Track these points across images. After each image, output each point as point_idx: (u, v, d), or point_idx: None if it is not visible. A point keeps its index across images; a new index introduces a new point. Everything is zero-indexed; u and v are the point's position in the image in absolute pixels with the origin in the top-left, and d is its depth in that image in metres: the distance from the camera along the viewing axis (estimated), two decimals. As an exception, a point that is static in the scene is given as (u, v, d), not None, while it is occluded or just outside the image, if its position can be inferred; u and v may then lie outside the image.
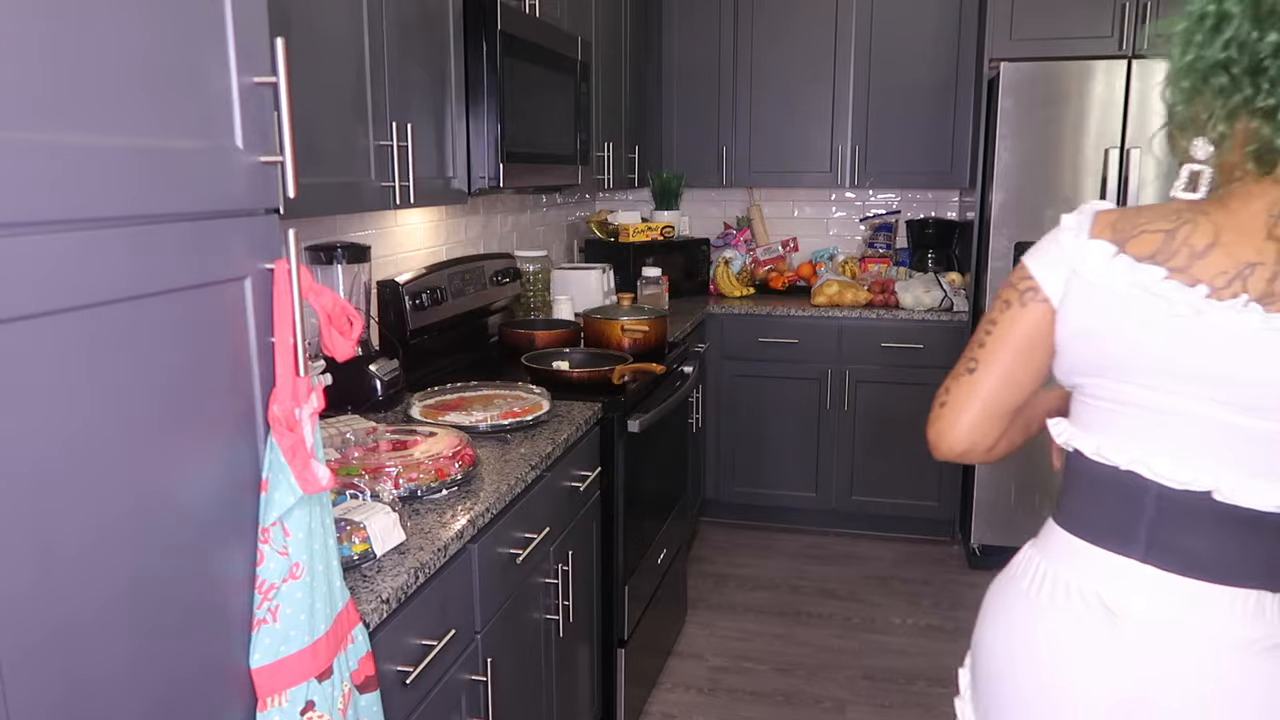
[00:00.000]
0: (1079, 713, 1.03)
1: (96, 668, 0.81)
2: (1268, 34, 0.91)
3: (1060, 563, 1.06)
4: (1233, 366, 0.94)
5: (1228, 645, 0.97)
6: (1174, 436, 0.98)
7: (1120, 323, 0.98)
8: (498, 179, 2.23)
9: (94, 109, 0.79)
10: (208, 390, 0.94)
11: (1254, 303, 0.92)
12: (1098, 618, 1.02)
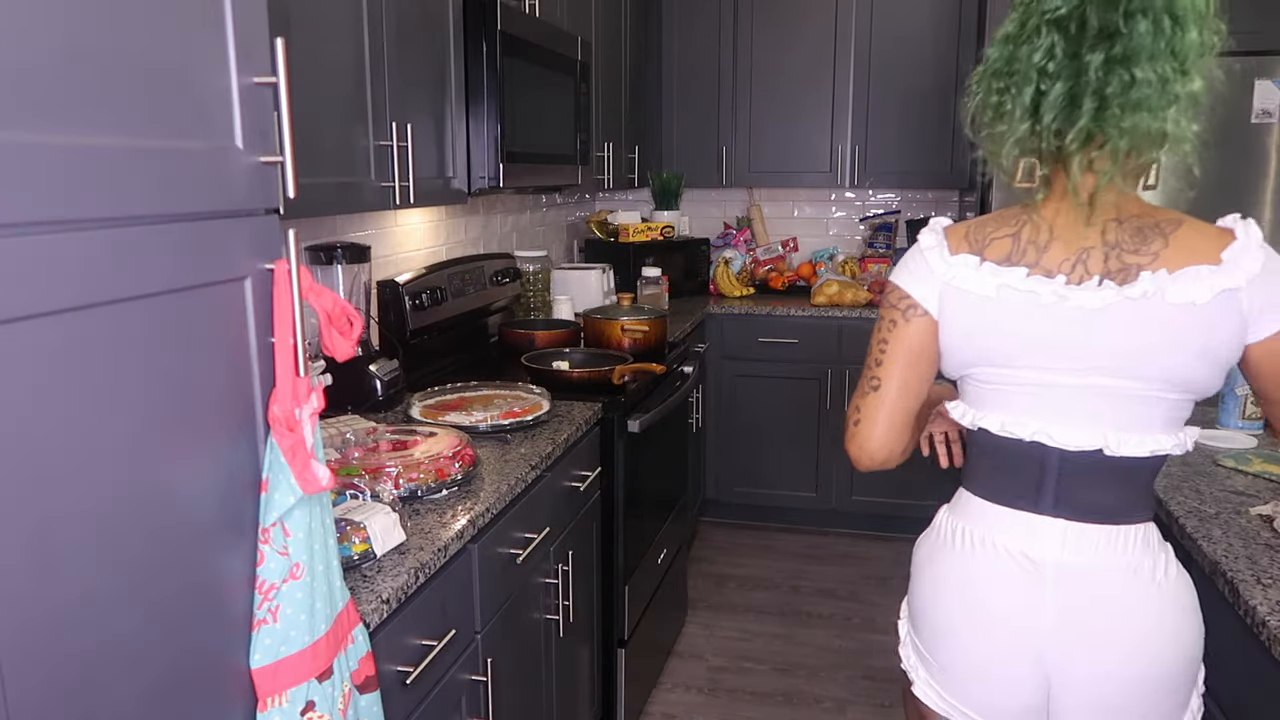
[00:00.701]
0: (1015, 649, 1.18)
1: (96, 667, 0.81)
2: (1086, 55, 1.05)
3: (981, 525, 1.22)
4: (1098, 337, 1.09)
5: (1129, 576, 1.15)
6: (1064, 406, 1.14)
7: (997, 319, 1.13)
8: (498, 179, 2.23)
9: (94, 109, 0.79)
10: (208, 390, 0.94)
11: (1106, 279, 1.09)
12: (1022, 568, 1.17)
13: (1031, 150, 1.12)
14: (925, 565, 1.28)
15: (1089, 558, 1.16)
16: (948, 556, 1.24)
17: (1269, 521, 1.53)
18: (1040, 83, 1.07)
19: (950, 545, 1.25)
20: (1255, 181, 3.19)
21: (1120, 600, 1.15)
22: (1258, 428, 2.01)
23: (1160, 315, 1.08)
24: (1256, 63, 3.15)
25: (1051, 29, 1.06)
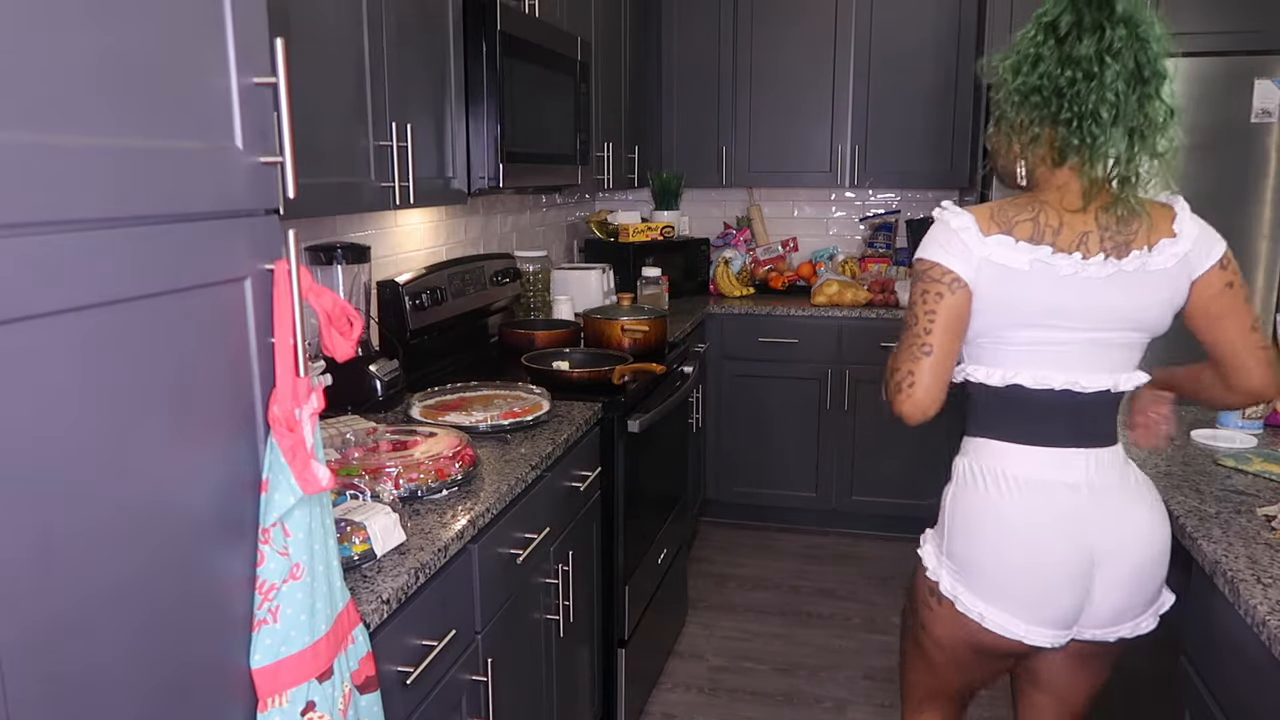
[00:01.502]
0: (1059, 561, 1.41)
1: (96, 667, 0.81)
2: (1065, 71, 1.34)
3: (1019, 465, 1.43)
4: (1102, 301, 1.37)
5: (1128, 481, 1.46)
6: (1080, 358, 1.40)
7: (1028, 289, 1.36)
8: (497, 179, 2.23)
9: (94, 110, 0.79)
10: (208, 391, 0.94)
11: (1105, 256, 1.36)
12: (1063, 494, 1.41)
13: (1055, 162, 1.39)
14: (964, 510, 1.46)
15: (1107, 474, 1.43)
16: (998, 499, 1.43)
17: (1269, 521, 1.53)
18: (1111, 124, 1.35)
19: (997, 489, 1.43)
20: (1255, 181, 3.19)
21: (1132, 501, 1.44)
22: (1258, 427, 2.01)
23: (1145, 280, 1.38)
24: (1256, 62, 3.15)
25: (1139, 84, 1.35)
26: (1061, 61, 1.35)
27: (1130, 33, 1.33)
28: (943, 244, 1.38)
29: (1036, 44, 1.37)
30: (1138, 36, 1.33)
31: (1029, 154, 1.41)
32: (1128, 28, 1.33)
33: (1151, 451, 1.78)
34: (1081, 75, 1.33)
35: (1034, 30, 1.38)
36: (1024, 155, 1.42)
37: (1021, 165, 1.44)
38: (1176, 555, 1.62)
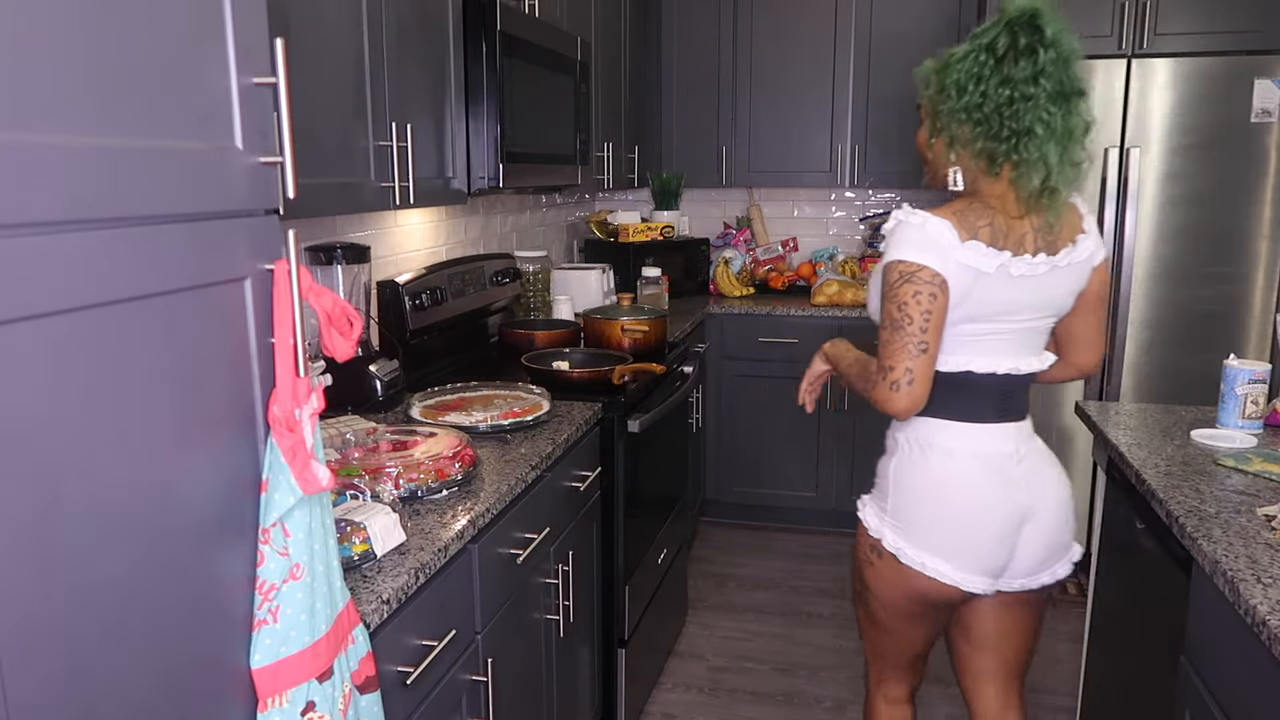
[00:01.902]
0: (995, 520, 1.59)
1: (96, 666, 0.81)
2: (1004, 91, 1.46)
3: (960, 440, 1.60)
4: (1040, 294, 1.55)
5: (1042, 447, 1.68)
6: (1019, 344, 1.59)
7: (989, 288, 1.51)
8: (497, 179, 2.23)
9: (93, 110, 0.79)
10: (208, 391, 0.94)
11: (1041, 254, 1.53)
12: (995, 463, 1.60)
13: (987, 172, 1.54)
14: (911, 477, 1.64)
15: (1028, 444, 1.64)
16: (939, 466, 1.61)
17: (1269, 520, 1.53)
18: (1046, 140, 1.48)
19: (938, 458, 1.61)
20: (1255, 181, 3.19)
21: (1048, 465, 1.66)
22: (1258, 427, 2.01)
23: (1070, 272, 1.57)
24: (1256, 62, 3.15)
25: (1062, 100, 1.48)
26: (1001, 82, 1.47)
27: (1057, 54, 1.46)
28: (925, 247, 1.48)
29: (979, 64, 1.48)
30: (1062, 58, 1.47)
31: (972, 164, 1.54)
32: (1055, 50, 1.46)
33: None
34: (1019, 95, 1.46)
35: (974, 51, 1.50)
36: (961, 164, 1.56)
37: (956, 172, 1.58)
38: (1177, 555, 1.62)
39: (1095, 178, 3.28)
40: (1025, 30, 1.46)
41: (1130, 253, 3.28)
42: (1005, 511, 1.59)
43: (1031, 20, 1.46)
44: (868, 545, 1.69)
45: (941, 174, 1.61)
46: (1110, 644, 2.07)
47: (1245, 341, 3.29)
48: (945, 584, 1.60)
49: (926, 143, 1.62)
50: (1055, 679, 2.85)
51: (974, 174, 1.55)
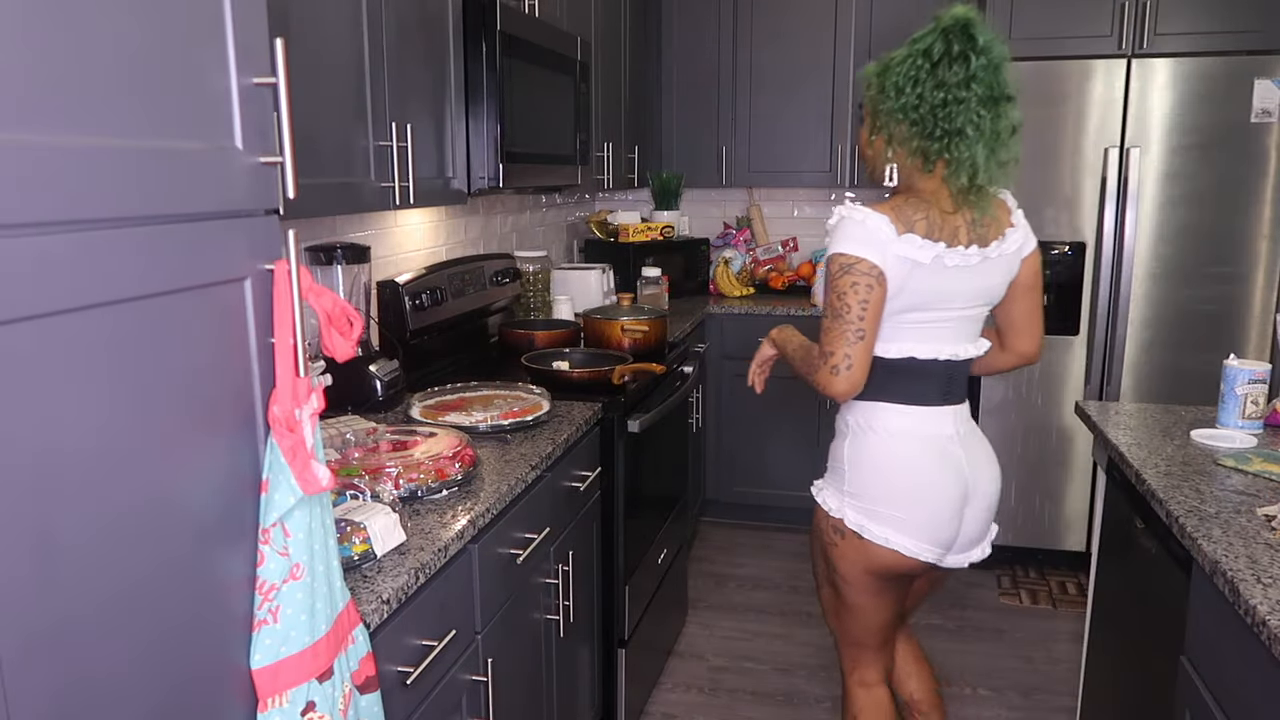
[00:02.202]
0: (945, 496, 1.71)
1: (96, 667, 0.81)
2: (938, 94, 1.57)
3: (898, 421, 1.70)
4: (974, 284, 1.66)
5: (975, 435, 1.79)
6: (957, 332, 1.70)
7: (925, 278, 1.61)
8: (497, 179, 2.23)
9: (94, 110, 0.79)
10: (207, 391, 0.94)
11: (974, 245, 1.64)
12: (937, 443, 1.71)
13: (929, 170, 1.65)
14: (869, 457, 1.73)
15: (965, 426, 1.76)
16: (891, 445, 1.71)
17: (1269, 520, 1.53)
18: (975, 141, 1.60)
19: (890, 438, 1.71)
20: (1255, 181, 3.19)
21: (982, 446, 1.80)
22: (1258, 427, 2.01)
23: (1001, 263, 1.69)
24: (1256, 62, 3.15)
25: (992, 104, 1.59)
26: (936, 85, 1.58)
27: (988, 61, 1.57)
28: (864, 241, 1.58)
29: (916, 67, 1.59)
30: (993, 64, 1.58)
31: (908, 161, 1.65)
32: (986, 57, 1.57)
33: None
34: (952, 98, 1.58)
35: (912, 55, 1.60)
36: (897, 161, 1.68)
37: (892, 168, 1.70)
38: (1177, 555, 1.62)
39: (1095, 177, 3.28)
40: (959, 38, 1.57)
41: (1130, 253, 3.28)
42: (950, 488, 1.72)
43: (965, 29, 1.57)
44: (830, 527, 1.78)
45: (880, 170, 1.74)
46: (1110, 644, 2.07)
47: (1245, 341, 3.29)
48: (906, 556, 1.71)
49: (867, 140, 1.74)
50: (1055, 679, 2.85)
51: (909, 170, 1.67)
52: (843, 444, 1.79)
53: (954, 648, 3.04)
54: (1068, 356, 3.43)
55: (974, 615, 3.27)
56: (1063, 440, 3.47)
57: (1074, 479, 3.49)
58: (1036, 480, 3.51)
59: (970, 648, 3.05)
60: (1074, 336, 3.40)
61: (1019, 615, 3.27)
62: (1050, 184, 3.32)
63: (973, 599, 3.39)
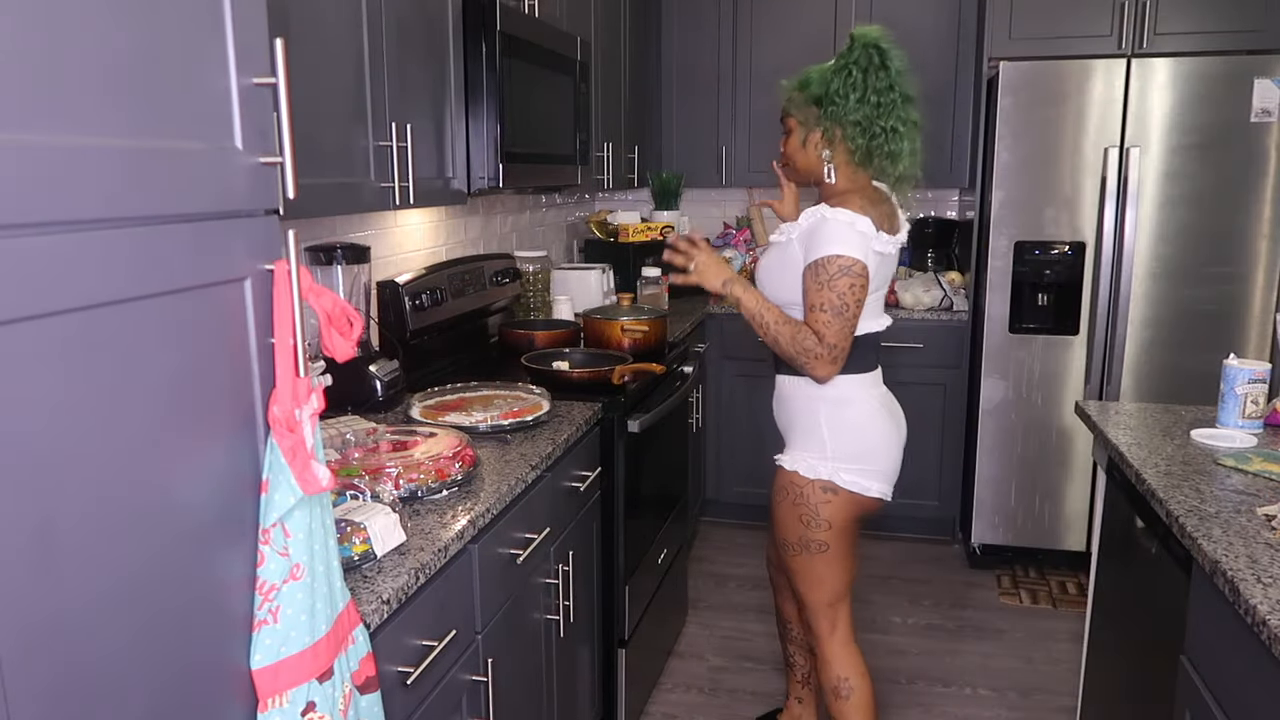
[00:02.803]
0: (897, 443, 2.05)
1: (96, 667, 0.81)
2: (874, 99, 1.85)
3: (866, 386, 2.00)
4: (890, 265, 1.96)
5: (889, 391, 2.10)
6: (878, 306, 1.99)
7: (882, 266, 1.92)
8: (497, 179, 2.23)
9: (94, 110, 0.79)
10: (208, 391, 0.94)
11: (898, 233, 1.95)
12: (883, 400, 2.04)
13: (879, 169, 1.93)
14: (855, 416, 1.99)
15: (885, 384, 2.08)
16: (862, 407, 1.99)
17: (1269, 520, 1.53)
18: (907, 140, 1.90)
19: (860, 402, 1.99)
20: (1255, 180, 3.19)
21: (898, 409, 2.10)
22: (1258, 427, 2.01)
23: (897, 247, 1.97)
24: (1256, 62, 3.15)
25: (908, 103, 1.90)
26: (871, 91, 1.85)
27: (899, 68, 1.87)
28: (856, 244, 1.84)
29: (853, 78, 1.86)
30: (902, 71, 1.88)
31: (849, 160, 1.91)
32: (897, 65, 1.87)
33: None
34: (885, 101, 1.85)
35: (846, 68, 1.87)
36: (838, 162, 1.93)
37: (830, 169, 1.94)
38: (1177, 555, 1.62)
39: (1095, 177, 3.28)
40: (875, 51, 1.86)
41: (1130, 252, 3.28)
42: (898, 434, 2.05)
43: (877, 43, 1.87)
44: (818, 488, 1.99)
45: (816, 170, 1.97)
46: (1110, 644, 2.07)
47: (1245, 341, 3.29)
48: (877, 499, 2.04)
49: (798, 148, 1.98)
50: (1055, 679, 2.85)
51: (849, 169, 1.93)
52: (818, 416, 1.99)
53: (954, 648, 3.04)
54: (1068, 356, 3.43)
55: (974, 615, 3.27)
56: (1063, 440, 3.47)
57: (1074, 479, 3.49)
58: (1036, 480, 3.51)
59: (970, 648, 3.05)
60: (1074, 336, 3.41)
61: (1019, 615, 3.27)
62: (1050, 184, 3.32)
63: (973, 599, 3.39)
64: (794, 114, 1.96)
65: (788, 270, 1.92)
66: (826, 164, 1.94)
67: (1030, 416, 3.49)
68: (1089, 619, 2.24)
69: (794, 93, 1.96)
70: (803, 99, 1.93)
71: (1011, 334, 3.45)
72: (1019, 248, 3.37)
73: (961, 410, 3.74)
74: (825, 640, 2.09)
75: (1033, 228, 3.35)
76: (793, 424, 2.04)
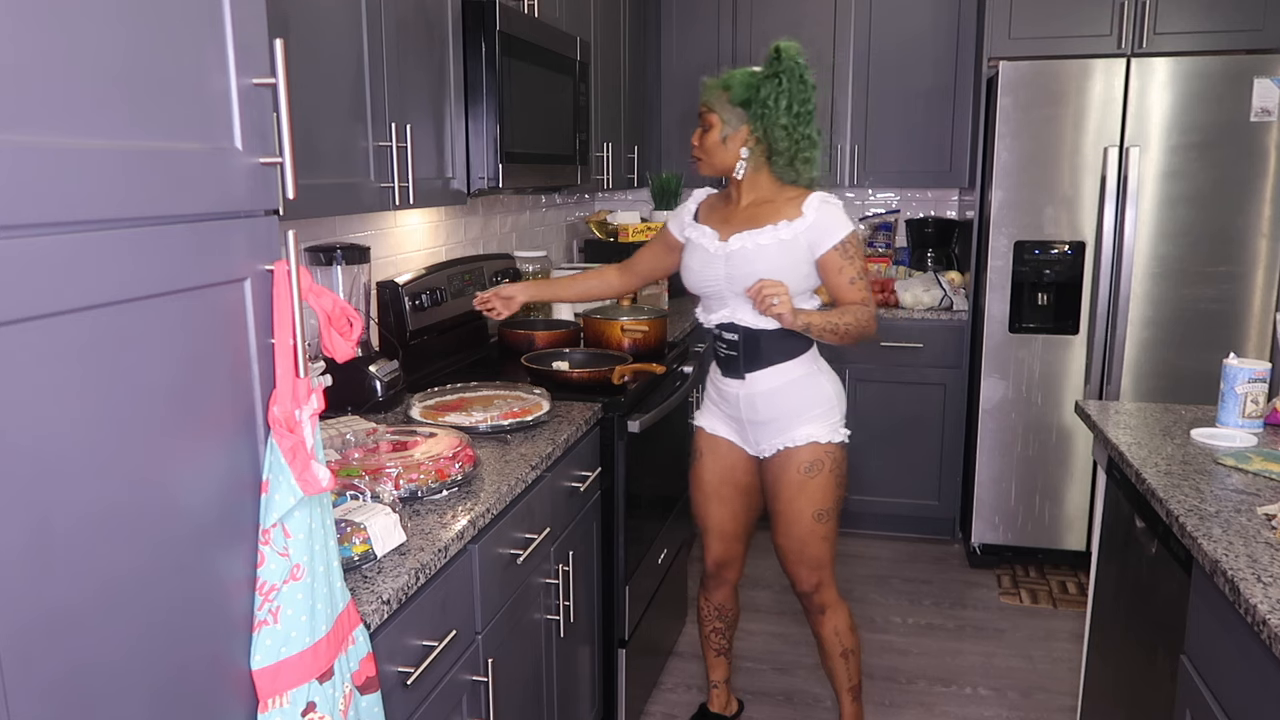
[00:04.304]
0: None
1: (96, 667, 0.81)
2: (795, 107, 2.04)
3: (820, 355, 2.20)
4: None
5: None
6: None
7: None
8: (497, 179, 2.23)
9: (94, 111, 0.79)
10: (208, 392, 0.94)
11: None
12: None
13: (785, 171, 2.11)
14: (828, 381, 2.20)
15: None
16: (827, 372, 2.21)
17: (1269, 520, 1.53)
18: (818, 143, 2.12)
19: (824, 368, 2.21)
20: (1255, 180, 3.19)
21: None
22: (1258, 426, 2.01)
23: None
24: (1255, 61, 3.15)
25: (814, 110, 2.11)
26: (795, 100, 2.02)
27: (811, 84, 2.06)
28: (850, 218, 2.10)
29: (779, 86, 2.02)
30: (814, 87, 2.08)
31: (766, 158, 2.08)
32: (809, 77, 2.06)
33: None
34: (804, 113, 2.05)
35: (772, 77, 2.03)
36: (754, 160, 2.09)
37: (743, 165, 2.09)
38: (1177, 554, 1.62)
39: (1095, 177, 3.28)
40: (799, 65, 2.03)
41: (1130, 252, 3.28)
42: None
43: (799, 59, 2.03)
44: (839, 448, 2.18)
45: (729, 168, 2.11)
46: (1110, 644, 2.07)
47: (1245, 340, 3.29)
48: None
49: (717, 143, 2.10)
50: (1055, 679, 2.85)
51: (760, 164, 2.10)
52: (823, 388, 2.17)
53: (954, 647, 3.04)
54: (1067, 356, 3.43)
55: (974, 615, 3.27)
56: (1063, 439, 3.47)
57: (1074, 478, 3.50)
58: (1036, 479, 3.51)
59: (970, 647, 3.05)
60: (1074, 336, 3.41)
61: (1019, 615, 3.27)
62: (1050, 183, 3.32)
63: (973, 599, 3.39)
64: (718, 111, 2.09)
65: (799, 265, 2.06)
66: (742, 161, 2.09)
67: (1030, 416, 3.49)
68: (1089, 619, 2.24)
69: (719, 91, 2.09)
70: (729, 99, 2.07)
71: (1011, 334, 3.45)
72: (1019, 247, 3.37)
73: (961, 410, 3.74)
74: (838, 602, 2.30)
75: (1033, 227, 3.35)
76: (793, 404, 2.15)
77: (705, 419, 2.37)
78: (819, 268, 2.08)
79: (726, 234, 2.12)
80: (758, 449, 2.26)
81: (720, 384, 2.27)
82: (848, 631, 2.32)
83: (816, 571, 2.25)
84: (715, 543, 2.42)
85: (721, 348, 2.22)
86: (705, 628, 2.55)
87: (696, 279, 2.18)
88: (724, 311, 2.16)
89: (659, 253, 2.35)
